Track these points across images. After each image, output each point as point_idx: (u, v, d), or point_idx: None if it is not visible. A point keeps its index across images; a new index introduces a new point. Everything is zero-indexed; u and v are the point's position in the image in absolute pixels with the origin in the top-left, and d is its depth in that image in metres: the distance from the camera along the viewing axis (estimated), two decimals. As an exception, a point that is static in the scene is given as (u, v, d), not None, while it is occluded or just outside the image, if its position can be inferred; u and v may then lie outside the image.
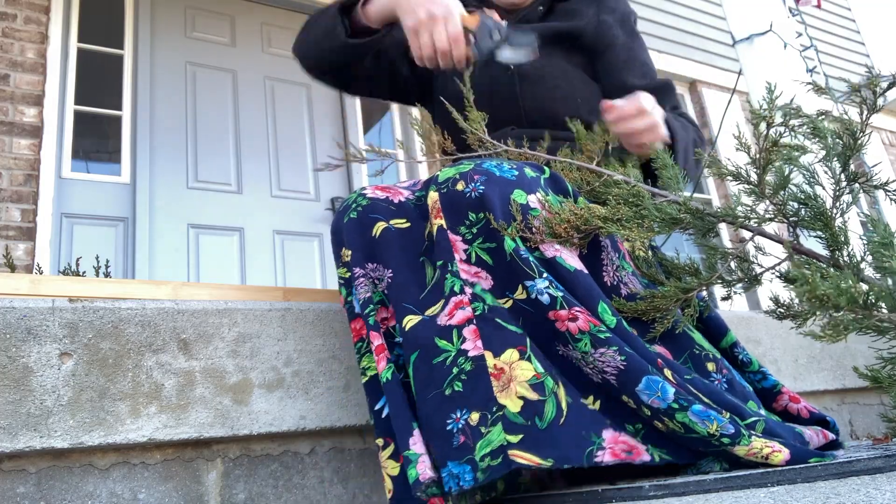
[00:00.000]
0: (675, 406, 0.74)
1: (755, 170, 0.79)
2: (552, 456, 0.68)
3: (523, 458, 0.68)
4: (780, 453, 0.74)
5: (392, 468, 0.80)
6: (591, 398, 0.78)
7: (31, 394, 0.80)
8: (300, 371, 0.97)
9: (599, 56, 1.25)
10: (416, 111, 1.21)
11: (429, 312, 0.81)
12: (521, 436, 0.69)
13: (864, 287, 0.65)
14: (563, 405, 0.73)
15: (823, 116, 0.80)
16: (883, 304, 0.62)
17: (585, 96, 1.22)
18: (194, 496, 0.88)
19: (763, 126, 0.78)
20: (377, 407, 0.84)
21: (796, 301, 0.80)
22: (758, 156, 0.79)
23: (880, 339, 0.66)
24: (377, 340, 0.83)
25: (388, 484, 0.79)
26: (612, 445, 0.73)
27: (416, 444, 0.75)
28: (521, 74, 1.21)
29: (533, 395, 0.71)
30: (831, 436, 0.88)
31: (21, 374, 0.80)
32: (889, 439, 0.97)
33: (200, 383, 0.90)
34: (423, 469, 0.73)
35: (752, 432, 0.76)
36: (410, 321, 0.81)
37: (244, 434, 0.90)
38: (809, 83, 0.81)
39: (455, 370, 0.75)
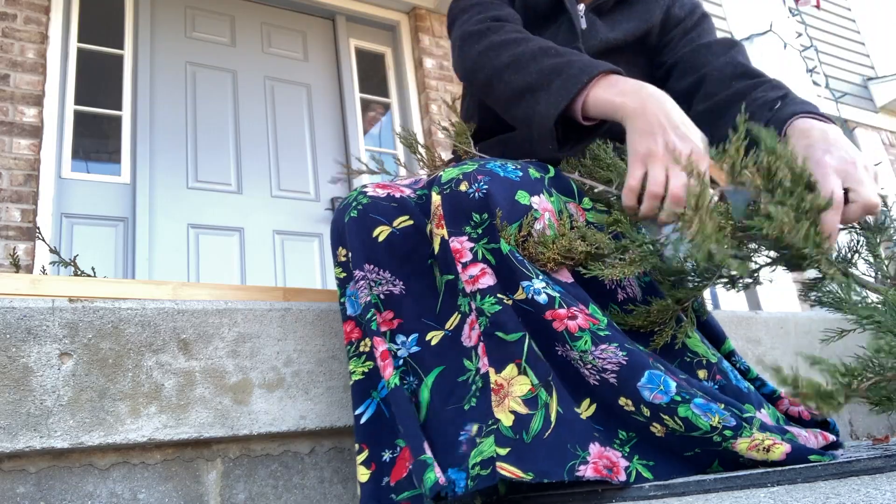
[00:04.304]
0: (678, 399, 0.73)
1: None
2: (532, 470, 0.70)
3: (508, 470, 0.70)
4: (781, 446, 0.74)
5: (362, 474, 0.81)
6: (586, 402, 0.79)
7: (31, 394, 0.80)
8: (300, 371, 0.97)
9: (661, 51, 1.18)
10: (397, 126, 1.20)
11: (448, 326, 0.83)
12: (508, 449, 0.71)
13: None
14: (553, 417, 0.74)
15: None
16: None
17: None
18: (194, 496, 0.88)
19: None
20: (358, 412, 0.84)
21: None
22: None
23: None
24: (381, 346, 0.83)
25: (358, 490, 0.80)
26: (597, 460, 0.72)
27: (429, 450, 0.76)
28: None
29: (523, 410, 0.73)
30: (831, 437, 0.88)
31: (21, 374, 0.80)
32: (889, 439, 0.97)
33: (200, 383, 0.90)
34: (439, 473, 0.73)
35: (752, 426, 0.76)
36: (436, 336, 0.83)
37: (244, 434, 0.90)
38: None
39: (473, 388, 0.78)
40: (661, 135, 0.80)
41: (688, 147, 0.79)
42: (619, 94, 0.85)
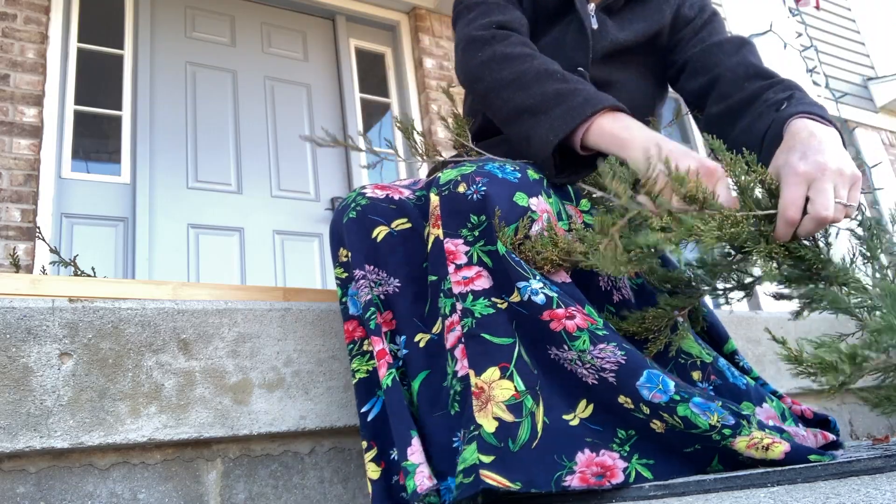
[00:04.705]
0: (677, 398, 0.73)
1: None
2: (520, 480, 0.69)
3: (493, 479, 0.68)
4: (781, 445, 0.74)
5: (373, 471, 0.81)
6: (582, 404, 0.78)
7: (31, 394, 0.80)
8: (300, 371, 0.97)
9: (671, 51, 1.17)
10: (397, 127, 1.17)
11: (435, 330, 0.84)
12: (493, 457, 0.70)
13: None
14: (539, 427, 0.73)
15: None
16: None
17: (644, 104, 1.14)
18: (194, 496, 0.88)
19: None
20: (364, 409, 0.85)
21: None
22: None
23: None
24: (378, 345, 0.83)
25: (369, 487, 0.81)
26: (584, 469, 0.72)
27: (414, 455, 0.76)
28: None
29: (508, 417, 0.72)
30: (831, 436, 0.88)
31: (21, 374, 0.80)
32: (889, 439, 0.97)
33: (200, 383, 0.90)
34: (420, 480, 0.74)
35: (751, 424, 0.76)
36: (423, 339, 0.83)
37: (244, 434, 0.90)
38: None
39: (452, 392, 0.77)
40: (650, 146, 0.82)
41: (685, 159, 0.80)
42: (624, 129, 0.86)
